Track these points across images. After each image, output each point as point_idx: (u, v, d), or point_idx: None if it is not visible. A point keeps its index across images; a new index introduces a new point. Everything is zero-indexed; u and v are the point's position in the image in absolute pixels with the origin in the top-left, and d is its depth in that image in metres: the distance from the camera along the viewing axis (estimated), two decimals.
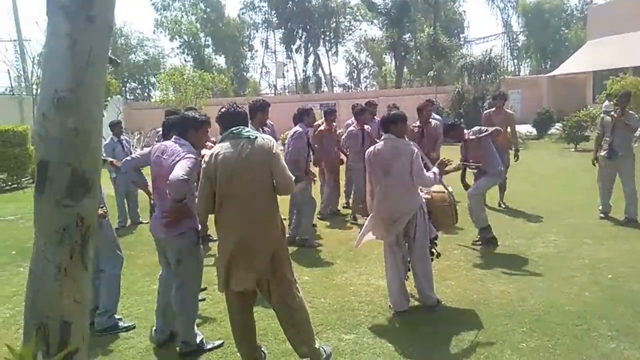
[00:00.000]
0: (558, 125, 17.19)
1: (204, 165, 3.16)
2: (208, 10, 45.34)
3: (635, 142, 7.49)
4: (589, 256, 5.33)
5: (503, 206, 7.92)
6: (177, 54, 45.29)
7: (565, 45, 39.69)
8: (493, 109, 8.00)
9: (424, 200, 4.22)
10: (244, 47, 47.33)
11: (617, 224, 6.55)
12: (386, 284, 4.33)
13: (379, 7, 42.91)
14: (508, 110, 8.17)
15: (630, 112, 6.90)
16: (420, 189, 4.29)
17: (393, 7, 40.60)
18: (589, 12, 30.51)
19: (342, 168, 8.04)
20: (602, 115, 7.44)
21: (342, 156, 7.87)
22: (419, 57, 37.67)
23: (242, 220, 3.08)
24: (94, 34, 1.73)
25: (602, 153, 6.87)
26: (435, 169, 4.18)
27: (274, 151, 3.12)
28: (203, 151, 3.66)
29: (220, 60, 48.49)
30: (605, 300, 4.23)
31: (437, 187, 4.37)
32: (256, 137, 3.13)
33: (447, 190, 4.43)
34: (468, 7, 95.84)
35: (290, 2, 41.54)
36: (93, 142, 1.79)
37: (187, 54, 44.77)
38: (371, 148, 4.27)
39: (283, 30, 43.85)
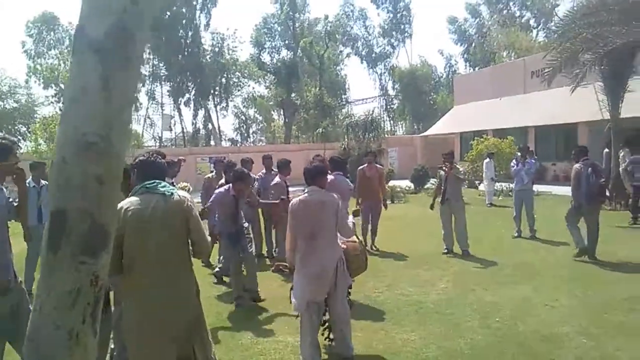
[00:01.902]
0: (433, 180, 18.77)
1: None
2: None
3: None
4: (477, 301, 5.83)
5: (374, 249, 8.89)
6: (52, 102, 42.19)
7: (434, 109, 43.98)
8: (366, 165, 9.11)
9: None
10: None
11: (483, 266, 7.28)
12: (298, 339, 4.31)
13: (268, 66, 44.48)
14: (378, 166, 9.44)
15: (457, 166, 8.69)
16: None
17: (281, 67, 42.35)
18: (454, 80, 34.43)
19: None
20: (438, 170, 8.88)
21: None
22: (306, 115, 39.23)
23: (155, 285, 2.83)
24: (129, 75, 1.60)
25: (440, 200, 8.52)
26: (351, 218, 4.37)
27: (190, 209, 2.96)
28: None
29: None
30: (496, 342, 4.64)
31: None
32: (172, 194, 2.95)
33: (358, 238, 4.65)
34: (349, 71, 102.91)
35: (181, 56, 41.36)
36: (116, 191, 1.65)
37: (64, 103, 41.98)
38: (295, 200, 4.26)
39: (171, 83, 43.24)
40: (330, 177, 5.50)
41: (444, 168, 8.55)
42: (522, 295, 6.01)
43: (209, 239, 3.13)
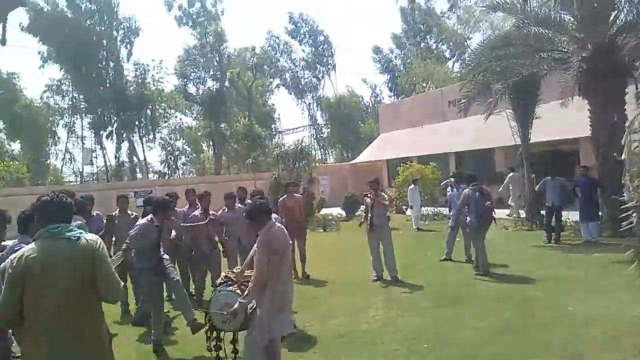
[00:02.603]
0: (362, 207, 19.12)
1: (9, 270, 2.66)
2: (1, 91, 40.79)
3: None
4: (406, 328, 5.91)
5: (305, 276, 9.00)
6: None
7: (362, 137, 45.19)
8: (285, 195, 9.35)
9: None
10: (46, 133, 43.14)
11: (411, 291, 7.44)
12: None
13: (194, 97, 43.90)
14: (297, 195, 9.71)
15: (382, 193, 8.94)
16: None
17: (208, 98, 41.94)
18: (379, 109, 35.61)
19: None
20: (364, 197, 9.13)
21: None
22: (236, 146, 38.94)
23: (57, 341, 2.60)
24: None
25: (365, 226, 8.73)
26: None
27: (99, 252, 2.75)
28: None
29: (15, 146, 43.37)
30: None
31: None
32: (78, 238, 2.74)
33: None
34: (278, 101, 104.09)
35: (102, 88, 39.85)
36: None
37: None
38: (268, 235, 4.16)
39: (93, 116, 41.44)
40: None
41: (369, 195, 8.75)
42: (449, 318, 6.17)
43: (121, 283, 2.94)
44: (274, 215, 4.47)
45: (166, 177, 43.69)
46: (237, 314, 4.08)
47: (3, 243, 4.47)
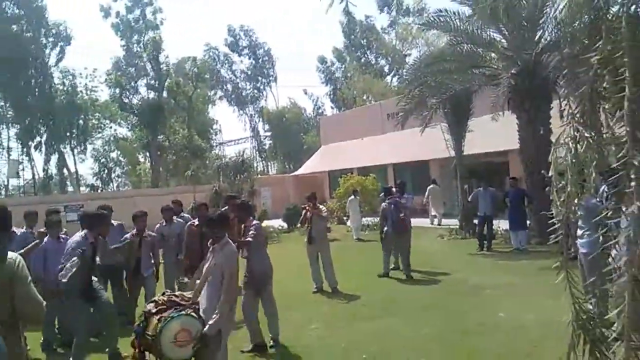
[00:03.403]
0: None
1: None
2: None
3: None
4: (346, 340, 5.90)
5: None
6: None
7: (304, 149, 45.39)
8: (227, 207, 9.03)
9: None
10: None
11: (351, 303, 7.49)
12: None
13: (130, 107, 42.39)
14: None
15: (320, 206, 9.08)
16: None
17: (145, 108, 40.63)
18: (320, 121, 35.93)
19: None
20: (302, 211, 9.40)
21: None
22: (174, 157, 37.90)
23: None
24: None
25: (306, 240, 8.88)
26: None
27: (19, 272, 2.58)
28: None
29: None
30: None
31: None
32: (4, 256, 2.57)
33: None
34: (220, 113, 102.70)
35: (30, 97, 37.62)
36: None
37: None
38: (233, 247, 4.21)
39: (19, 126, 38.99)
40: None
41: (307, 208, 8.82)
42: (387, 329, 6.24)
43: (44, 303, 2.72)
44: None
45: (99, 190, 41.82)
46: (207, 338, 3.86)
47: None
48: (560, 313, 6.18)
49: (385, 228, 9.58)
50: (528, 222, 11.90)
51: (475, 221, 12.60)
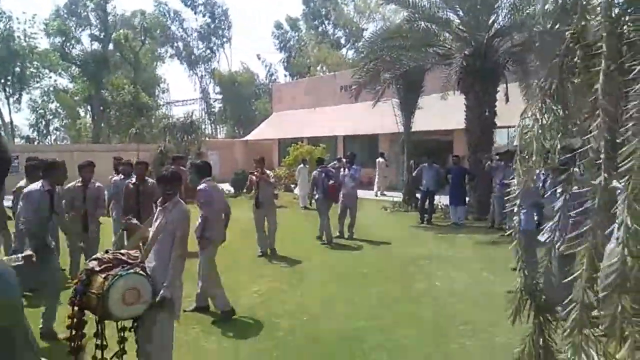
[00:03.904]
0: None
1: None
2: None
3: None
4: (288, 301, 6.06)
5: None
6: None
7: (255, 114, 44.78)
8: (172, 168, 8.88)
9: None
10: None
11: (295, 267, 7.67)
12: None
13: (74, 58, 40.08)
14: (183, 169, 9.64)
15: (268, 172, 9.29)
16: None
17: (90, 60, 38.57)
18: (273, 88, 35.48)
19: None
20: (249, 175, 9.53)
21: None
22: (118, 113, 36.37)
23: None
24: None
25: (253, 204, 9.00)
26: None
27: None
28: None
29: None
30: (306, 340, 4.88)
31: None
32: None
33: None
34: (169, 71, 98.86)
35: None
36: None
37: None
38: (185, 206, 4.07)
39: None
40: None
41: (255, 173, 8.84)
42: (327, 294, 6.44)
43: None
44: None
45: (35, 143, 39.68)
46: (165, 301, 3.79)
47: None
48: (492, 283, 6.66)
49: (317, 196, 10.08)
50: (467, 198, 12.45)
51: (418, 195, 13.04)
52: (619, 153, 1.37)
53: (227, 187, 20.02)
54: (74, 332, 4.04)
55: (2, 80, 38.17)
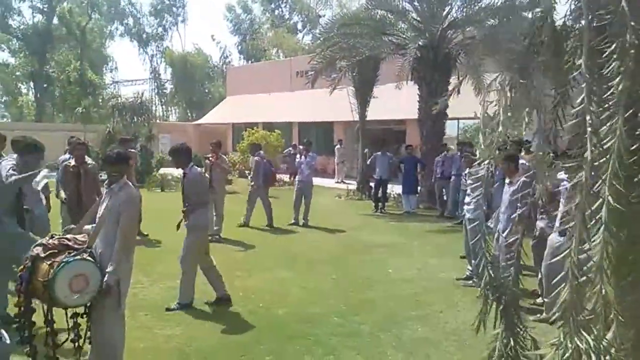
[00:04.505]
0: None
1: None
2: None
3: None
4: (242, 288, 6.03)
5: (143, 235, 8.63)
6: None
7: (209, 98, 43.89)
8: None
9: None
10: None
11: (246, 251, 7.66)
12: None
13: (15, 30, 37.79)
14: (132, 151, 9.40)
15: (223, 156, 9.32)
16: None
17: (33, 34, 36.49)
18: (227, 71, 34.83)
19: None
20: (204, 159, 9.50)
21: None
22: (63, 91, 34.70)
23: None
24: None
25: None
26: None
27: None
28: None
29: None
30: (261, 325, 4.90)
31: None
32: None
33: None
34: (116, 48, 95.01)
35: None
36: None
37: None
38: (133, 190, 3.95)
39: None
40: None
41: (210, 157, 8.74)
42: (281, 279, 6.48)
43: None
44: None
45: None
46: (109, 288, 3.66)
47: None
48: (441, 270, 6.90)
49: (258, 180, 10.12)
50: (419, 187, 12.76)
51: (372, 184, 13.24)
52: (600, 130, 1.40)
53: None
54: (22, 321, 3.91)
55: None
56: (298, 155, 11.01)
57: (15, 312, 3.88)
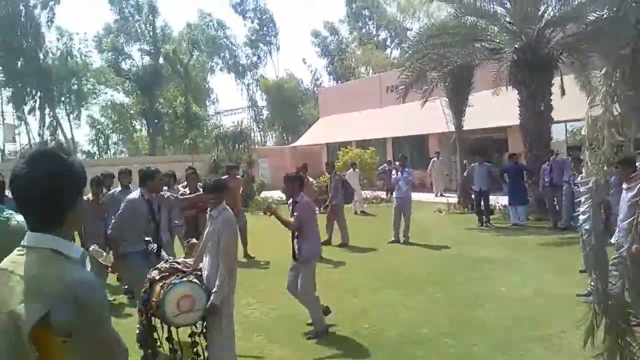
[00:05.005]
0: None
1: None
2: None
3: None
4: (347, 309, 6.03)
5: (248, 258, 9.12)
6: None
7: (302, 120, 45.13)
8: (226, 176, 9.29)
9: None
10: None
11: (351, 273, 7.62)
12: None
13: (127, 72, 41.87)
14: (238, 177, 10.09)
15: (311, 179, 9.74)
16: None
17: (143, 75, 40.16)
18: (319, 93, 35.66)
19: None
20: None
21: None
22: (171, 125, 37.67)
23: None
24: None
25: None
26: None
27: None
28: None
29: None
30: (367, 348, 4.85)
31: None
32: (8, 219, 2.54)
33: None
34: (216, 80, 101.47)
35: (22, 58, 37.01)
36: None
37: None
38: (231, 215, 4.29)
39: (12, 89, 38.58)
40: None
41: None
42: (387, 300, 6.36)
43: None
44: None
45: (95, 157, 41.66)
46: (215, 308, 3.93)
47: None
48: (559, 286, 6.38)
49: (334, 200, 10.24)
50: (528, 198, 11.99)
51: (473, 196, 12.71)
52: None
53: (278, 194, 20.25)
54: (145, 338, 4.29)
55: (62, 99, 40.33)
56: (394, 171, 10.91)
57: (138, 329, 4.23)
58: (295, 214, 5.43)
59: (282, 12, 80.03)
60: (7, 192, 6.15)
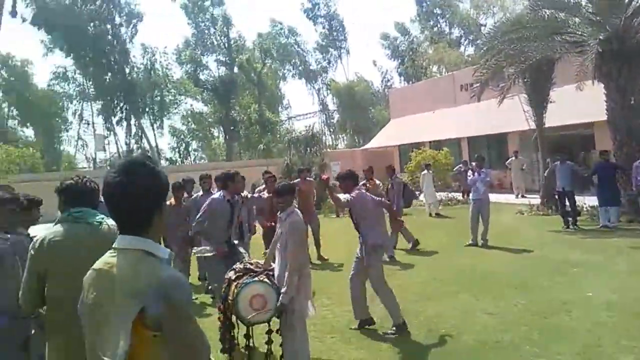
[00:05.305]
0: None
1: (31, 252, 2.63)
2: (12, 78, 41.46)
3: None
4: (422, 313, 5.93)
5: (321, 260, 9.25)
6: None
7: (373, 122, 44.99)
8: (298, 179, 9.79)
9: None
10: (56, 119, 43.85)
11: (426, 277, 7.47)
12: None
13: (205, 83, 43.93)
14: (310, 180, 10.29)
15: (376, 181, 9.64)
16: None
17: (220, 84, 41.95)
18: (389, 94, 35.35)
19: None
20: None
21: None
22: (246, 131, 39.02)
23: (75, 337, 2.33)
24: None
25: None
26: None
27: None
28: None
29: (28, 132, 44.31)
30: (446, 353, 4.76)
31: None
32: (100, 224, 2.70)
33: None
34: (288, 87, 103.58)
35: (110, 73, 40.05)
36: None
37: None
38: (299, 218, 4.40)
39: (101, 102, 41.85)
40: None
41: (367, 184, 8.98)
42: (464, 305, 6.17)
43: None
44: None
45: (177, 164, 43.97)
46: (284, 307, 4.11)
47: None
48: None
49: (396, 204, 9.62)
50: (620, 198, 11.17)
51: (557, 197, 12.03)
52: None
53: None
54: (224, 334, 4.56)
55: (147, 109, 43.08)
56: (470, 172, 10.57)
57: (219, 326, 4.49)
58: (349, 196, 5.55)
59: (351, 15, 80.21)
60: (101, 198, 6.89)
